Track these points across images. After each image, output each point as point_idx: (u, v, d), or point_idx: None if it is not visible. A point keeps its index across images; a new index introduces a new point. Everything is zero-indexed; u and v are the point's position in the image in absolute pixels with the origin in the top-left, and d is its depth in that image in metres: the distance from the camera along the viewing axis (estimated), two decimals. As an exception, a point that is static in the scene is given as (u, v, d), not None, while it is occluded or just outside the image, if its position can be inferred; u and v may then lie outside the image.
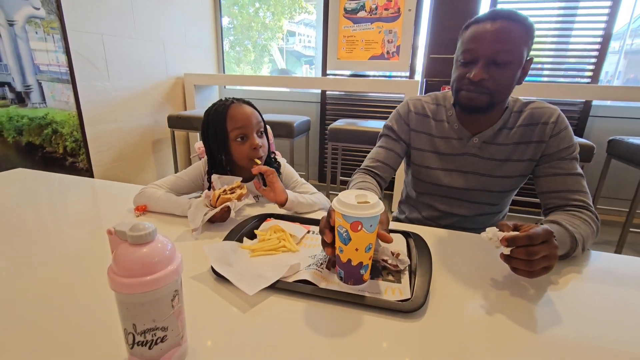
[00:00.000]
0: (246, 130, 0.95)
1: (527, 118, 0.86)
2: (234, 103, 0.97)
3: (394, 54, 2.78)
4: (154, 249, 0.38)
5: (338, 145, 2.40)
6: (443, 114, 0.93)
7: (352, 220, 0.54)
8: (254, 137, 0.96)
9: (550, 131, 0.84)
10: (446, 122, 0.92)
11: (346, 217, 0.53)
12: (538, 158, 0.86)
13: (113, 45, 2.23)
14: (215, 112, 0.96)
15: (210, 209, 0.79)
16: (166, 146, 2.79)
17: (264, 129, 1.02)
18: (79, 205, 0.98)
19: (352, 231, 0.54)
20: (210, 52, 3.22)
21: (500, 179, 0.89)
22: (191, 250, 0.72)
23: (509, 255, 0.58)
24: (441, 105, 0.95)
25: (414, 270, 0.63)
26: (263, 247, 0.68)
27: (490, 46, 0.75)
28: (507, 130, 0.87)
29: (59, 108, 1.94)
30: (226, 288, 0.58)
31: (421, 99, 0.97)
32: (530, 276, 0.57)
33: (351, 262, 0.57)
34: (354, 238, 0.55)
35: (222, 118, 0.95)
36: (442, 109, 0.94)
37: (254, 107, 1.00)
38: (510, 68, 0.77)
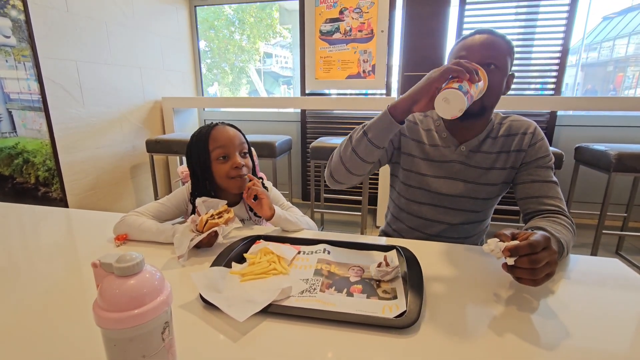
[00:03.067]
0: (228, 150, 0.96)
1: (507, 129, 0.92)
2: (217, 125, 0.99)
3: (370, 73, 2.87)
4: (142, 280, 0.37)
5: (320, 163, 2.42)
6: (431, 124, 0.97)
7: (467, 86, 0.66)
8: (236, 156, 0.97)
9: (529, 141, 0.89)
10: (434, 132, 0.96)
11: None
12: (518, 166, 0.91)
13: (88, 72, 2.20)
14: (199, 134, 0.97)
15: (197, 234, 0.77)
16: (145, 171, 2.73)
17: (249, 151, 1.02)
18: (53, 237, 0.93)
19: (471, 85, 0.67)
20: (188, 75, 3.22)
21: (485, 186, 0.93)
22: (178, 278, 0.69)
23: (512, 266, 0.58)
24: (428, 116, 0.99)
25: (407, 282, 0.63)
26: (253, 271, 0.66)
27: (479, 52, 0.81)
28: (491, 139, 0.92)
29: (31, 137, 1.87)
30: (216, 316, 0.56)
31: None
32: (535, 284, 0.58)
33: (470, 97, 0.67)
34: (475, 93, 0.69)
35: (204, 139, 0.96)
36: (429, 120, 0.98)
37: (238, 129, 1.02)
38: (499, 74, 0.82)
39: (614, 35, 7.13)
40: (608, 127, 2.56)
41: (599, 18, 7.24)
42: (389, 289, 0.63)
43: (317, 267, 0.70)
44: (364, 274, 0.69)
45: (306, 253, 0.77)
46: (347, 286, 0.64)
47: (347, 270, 0.70)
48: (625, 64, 6.90)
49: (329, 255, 0.75)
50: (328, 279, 0.66)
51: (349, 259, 0.75)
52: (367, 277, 0.67)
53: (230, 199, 0.97)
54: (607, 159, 1.85)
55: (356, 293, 0.62)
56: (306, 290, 0.62)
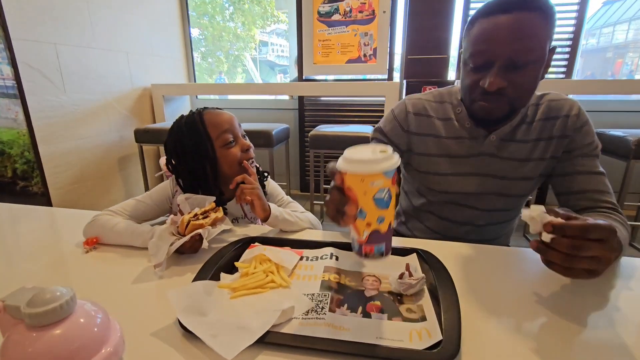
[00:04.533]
0: (234, 132, 0.85)
1: (545, 111, 0.77)
2: (206, 109, 0.86)
3: (371, 57, 2.72)
4: (71, 330, 0.25)
5: (320, 152, 2.28)
6: (450, 112, 0.82)
7: (393, 173, 0.44)
8: (242, 139, 0.87)
9: (573, 125, 0.75)
10: (455, 121, 0.81)
11: (387, 173, 0.43)
12: (560, 155, 0.76)
13: (68, 56, 2.03)
14: (189, 124, 0.83)
15: (178, 238, 0.65)
16: (134, 163, 2.58)
17: None
18: (6, 243, 0.80)
19: (392, 186, 0.44)
20: (179, 61, 3.04)
21: (520, 181, 0.79)
22: (153, 293, 0.57)
23: (545, 245, 0.47)
24: (446, 102, 0.83)
25: (436, 298, 0.51)
26: (246, 285, 0.54)
27: (506, 46, 0.62)
28: (526, 125, 0.77)
29: (6, 126, 1.72)
30: (198, 348, 0.44)
31: (421, 98, 0.85)
32: (566, 274, 0.48)
33: (391, 225, 0.46)
34: (393, 193, 0.45)
35: (200, 127, 0.82)
36: (447, 107, 0.83)
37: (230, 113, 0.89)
38: (533, 68, 0.65)
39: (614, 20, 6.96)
40: (623, 113, 2.44)
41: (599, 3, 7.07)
42: (415, 307, 0.51)
43: (324, 277, 0.58)
44: (381, 285, 0.57)
45: (310, 259, 0.65)
46: (363, 303, 0.52)
47: (361, 281, 0.58)
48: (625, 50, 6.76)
49: (337, 262, 0.63)
50: (338, 294, 0.54)
51: (361, 266, 0.63)
52: (385, 290, 0.55)
53: (231, 193, 0.85)
54: (626, 146, 1.74)
55: (374, 312, 0.50)
56: (312, 310, 0.50)
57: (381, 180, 0.42)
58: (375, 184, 0.42)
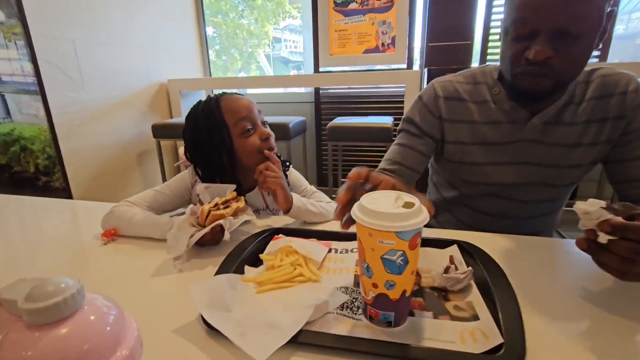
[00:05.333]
0: (252, 120, 0.79)
1: (599, 88, 0.68)
2: (224, 95, 0.81)
3: (389, 46, 2.63)
4: (77, 330, 0.20)
5: (338, 144, 2.23)
6: (486, 94, 0.74)
7: (412, 235, 0.36)
8: (262, 127, 0.81)
9: (632, 102, 0.65)
10: (492, 103, 0.73)
11: (402, 233, 0.35)
12: (617, 137, 0.68)
13: (86, 52, 2.04)
14: (205, 110, 0.79)
15: (198, 229, 0.61)
16: (152, 158, 2.59)
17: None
18: (27, 233, 0.78)
19: (410, 250, 0.37)
20: (195, 57, 3.04)
21: (568, 169, 0.71)
22: (174, 288, 0.53)
23: (599, 245, 0.41)
24: (481, 83, 0.75)
25: (487, 295, 0.45)
26: (273, 279, 0.49)
27: (555, 13, 0.54)
28: (574, 105, 0.68)
29: (28, 122, 1.73)
30: (224, 346, 0.40)
31: (452, 80, 0.78)
32: (622, 278, 0.42)
33: (405, 293, 0.39)
34: (412, 259, 0.37)
35: (217, 114, 0.77)
36: (483, 88, 0.75)
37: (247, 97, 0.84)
38: (585, 39, 0.56)
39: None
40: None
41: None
42: (464, 305, 0.45)
43: (356, 271, 0.53)
44: (421, 280, 0.51)
45: (339, 251, 0.59)
46: (403, 299, 0.47)
47: (398, 276, 0.53)
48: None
49: (370, 255, 0.57)
50: (374, 289, 0.49)
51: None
52: (427, 285, 0.50)
53: (250, 184, 0.81)
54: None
55: (417, 310, 0.45)
56: (347, 306, 0.45)
57: (392, 241, 0.36)
58: (385, 242, 0.36)
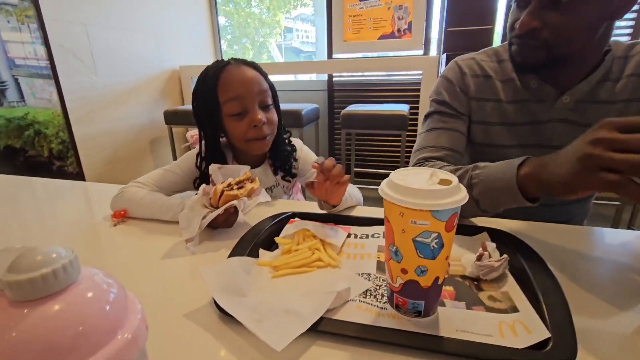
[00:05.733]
0: (244, 102, 0.71)
1: (638, 65, 0.62)
2: (230, 64, 0.73)
3: (405, 31, 2.54)
4: (70, 308, 0.17)
5: (351, 132, 2.18)
6: (511, 72, 0.69)
7: (450, 215, 0.32)
8: (255, 111, 0.72)
9: None
10: (517, 81, 0.68)
11: (439, 213, 0.31)
12: None
13: (98, 37, 2.02)
14: (205, 77, 0.73)
15: (211, 210, 0.58)
16: (164, 144, 2.58)
17: (273, 100, 0.79)
18: (40, 212, 0.77)
19: (446, 232, 0.33)
20: (207, 45, 3.00)
21: None
22: (186, 271, 0.50)
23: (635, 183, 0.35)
24: (505, 60, 0.70)
25: (526, 285, 0.41)
26: (289, 263, 0.46)
27: None
28: (611, 82, 0.63)
29: (41, 106, 1.73)
30: (238, 333, 0.37)
31: (475, 57, 0.73)
32: None
33: (438, 281, 0.35)
34: (447, 243, 0.33)
35: (211, 86, 0.71)
36: (507, 66, 0.70)
37: (258, 69, 0.76)
38: (580, 9, 0.53)
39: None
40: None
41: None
42: (499, 295, 0.41)
43: (379, 257, 0.49)
44: (450, 268, 0.47)
45: (359, 236, 0.56)
46: (431, 288, 0.43)
47: (424, 263, 0.49)
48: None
49: (392, 240, 0.54)
50: (399, 276, 0.45)
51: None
52: (456, 273, 0.46)
53: (250, 161, 0.78)
54: None
55: (448, 300, 0.41)
56: (371, 293, 0.41)
57: (427, 221, 0.32)
58: (418, 223, 0.32)
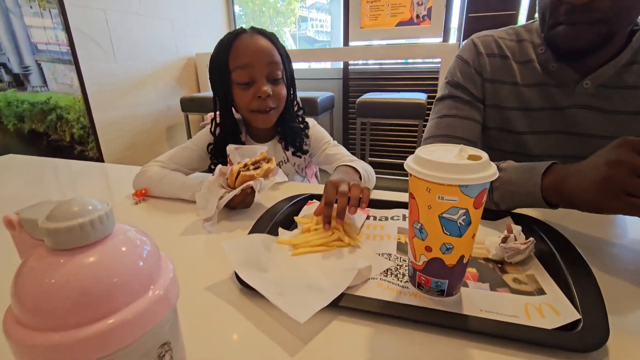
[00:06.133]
0: (252, 72, 0.70)
1: None
2: (245, 32, 0.72)
3: (424, 18, 2.47)
4: (105, 259, 0.17)
5: (366, 121, 2.15)
6: (531, 53, 0.65)
7: (479, 191, 0.31)
8: (261, 82, 0.71)
9: None
10: (537, 63, 0.64)
11: (468, 188, 0.30)
12: None
13: (117, 22, 2.04)
14: (221, 43, 0.72)
15: (227, 190, 0.58)
16: (180, 131, 2.61)
17: (287, 74, 0.77)
18: (64, 190, 0.79)
19: (474, 209, 0.32)
20: (223, 31, 2.99)
21: None
22: (203, 248, 0.51)
23: None
24: (526, 40, 0.66)
25: (552, 268, 0.39)
26: (309, 242, 0.46)
27: None
28: (638, 65, 0.59)
29: (63, 91, 1.77)
30: (258, 305, 0.37)
31: (493, 35, 0.69)
32: None
33: (463, 259, 0.35)
34: (474, 220, 0.32)
35: (225, 51, 0.70)
36: (527, 47, 0.66)
37: (274, 41, 0.74)
38: None
39: None
40: None
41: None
42: (524, 278, 0.40)
43: (399, 238, 0.48)
44: (472, 251, 0.46)
45: (378, 219, 0.55)
46: (453, 269, 0.42)
47: (445, 245, 0.48)
48: None
49: (412, 223, 0.53)
50: (420, 257, 0.45)
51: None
52: (479, 256, 0.45)
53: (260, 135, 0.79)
54: None
55: (471, 281, 0.40)
56: (391, 271, 0.41)
57: (455, 197, 0.31)
58: (446, 199, 0.31)
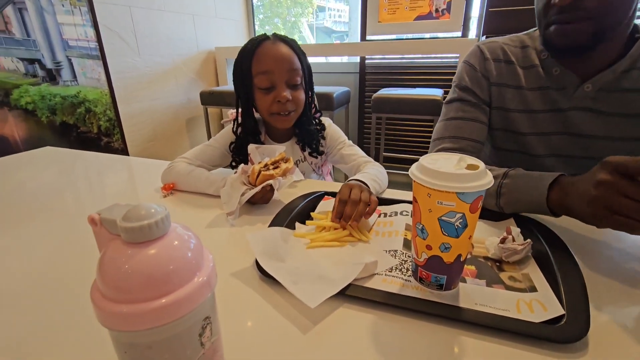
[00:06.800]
0: (272, 78, 0.75)
1: None
2: (267, 39, 0.77)
3: (443, 12, 2.45)
4: (167, 250, 0.22)
5: (382, 116, 2.17)
6: (534, 58, 0.68)
7: (475, 198, 0.35)
8: (281, 88, 0.76)
9: None
10: (540, 68, 0.67)
11: (464, 195, 0.34)
12: None
13: (141, 18, 2.11)
14: (245, 48, 0.77)
15: (249, 187, 0.63)
16: (200, 124, 2.69)
17: (306, 80, 0.81)
18: (100, 184, 0.86)
19: (470, 214, 0.35)
20: (241, 25, 3.04)
21: (627, 143, 0.63)
22: (226, 239, 0.56)
23: None
24: (529, 47, 0.69)
25: (546, 268, 0.43)
26: (323, 237, 0.51)
27: None
28: (637, 71, 0.60)
29: (91, 86, 1.86)
30: (277, 292, 0.42)
31: (498, 41, 0.72)
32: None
33: (460, 258, 0.39)
34: (470, 223, 0.36)
35: (249, 57, 0.75)
36: (531, 52, 0.68)
37: (295, 48, 0.78)
38: None
39: None
40: None
41: None
42: (519, 276, 0.43)
43: (405, 235, 0.52)
44: (473, 250, 0.50)
45: (388, 215, 0.59)
46: (453, 266, 0.46)
47: (448, 243, 0.52)
48: None
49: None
50: (424, 254, 0.49)
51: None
52: (480, 254, 0.48)
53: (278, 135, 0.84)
54: None
55: (469, 277, 0.44)
56: (396, 267, 0.45)
57: (453, 202, 0.35)
58: (444, 204, 0.35)
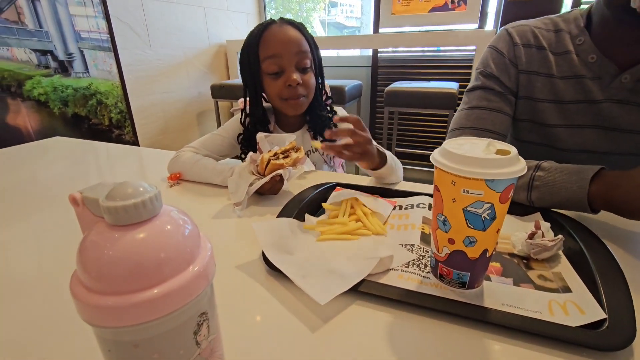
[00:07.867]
0: (281, 62, 0.72)
1: None
2: (274, 23, 0.73)
3: (459, 3, 2.37)
4: (154, 236, 0.19)
5: (394, 110, 2.12)
6: (568, 44, 0.62)
7: (506, 186, 0.31)
8: (290, 71, 0.72)
9: None
10: (574, 55, 0.61)
11: (494, 183, 0.30)
12: None
13: (153, 10, 2.10)
14: (251, 34, 0.74)
15: (257, 177, 0.60)
16: (210, 118, 2.69)
17: (316, 64, 0.78)
18: (107, 173, 0.85)
19: (499, 204, 0.32)
20: (252, 19, 3.01)
21: None
22: (233, 231, 0.54)
23: None
24: (563, 31, 0.63)
25: (581, 267, 0.39)
26: (334, 229, 0.47)
27: None
28: None
29: (102, 78, 1.87)
30: (284, 286, 0.39)
31: (529, 24, 0.66)
32: None
33: (486, 253, 0.35)
34: (499, 215, 0.32)
35: (255, 42, 0.72)
36: (565, 37, 0.63)
37: (303, 31, 0.75)
38: None
39: None
40: None
41: None
42: (550, 275, 0.39)
43: (423, 228, 0.49)
44: (497, 246, 0.46)
45: (404, 207, 0.56)
46: (476, 263, 0.42)
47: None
48: None
49: (436, 215, 0.53)
50: (443, 249, 0.45)
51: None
52: (504, 251, 0.44)
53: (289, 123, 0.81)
54: None
55: (494, 275, 0.40)
56: (413, 262, 0.42)
57: (481, 191, 0.30)
58: (471, 192, 0.31)
